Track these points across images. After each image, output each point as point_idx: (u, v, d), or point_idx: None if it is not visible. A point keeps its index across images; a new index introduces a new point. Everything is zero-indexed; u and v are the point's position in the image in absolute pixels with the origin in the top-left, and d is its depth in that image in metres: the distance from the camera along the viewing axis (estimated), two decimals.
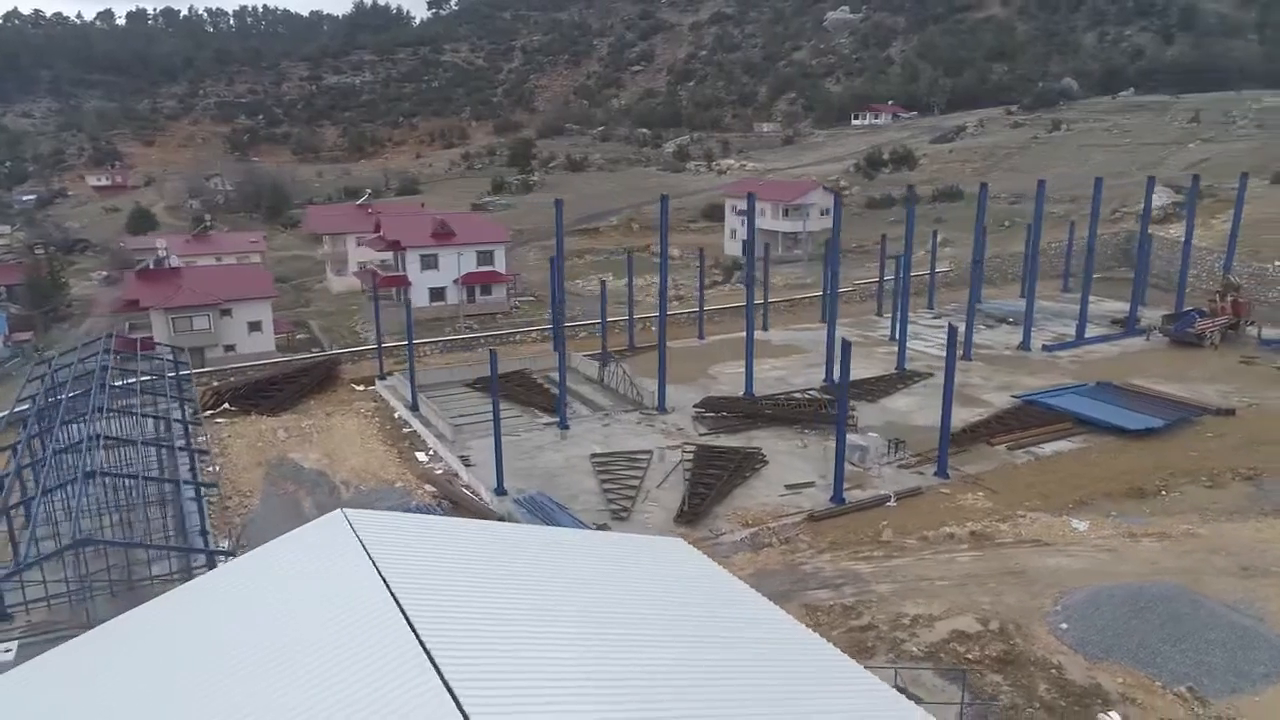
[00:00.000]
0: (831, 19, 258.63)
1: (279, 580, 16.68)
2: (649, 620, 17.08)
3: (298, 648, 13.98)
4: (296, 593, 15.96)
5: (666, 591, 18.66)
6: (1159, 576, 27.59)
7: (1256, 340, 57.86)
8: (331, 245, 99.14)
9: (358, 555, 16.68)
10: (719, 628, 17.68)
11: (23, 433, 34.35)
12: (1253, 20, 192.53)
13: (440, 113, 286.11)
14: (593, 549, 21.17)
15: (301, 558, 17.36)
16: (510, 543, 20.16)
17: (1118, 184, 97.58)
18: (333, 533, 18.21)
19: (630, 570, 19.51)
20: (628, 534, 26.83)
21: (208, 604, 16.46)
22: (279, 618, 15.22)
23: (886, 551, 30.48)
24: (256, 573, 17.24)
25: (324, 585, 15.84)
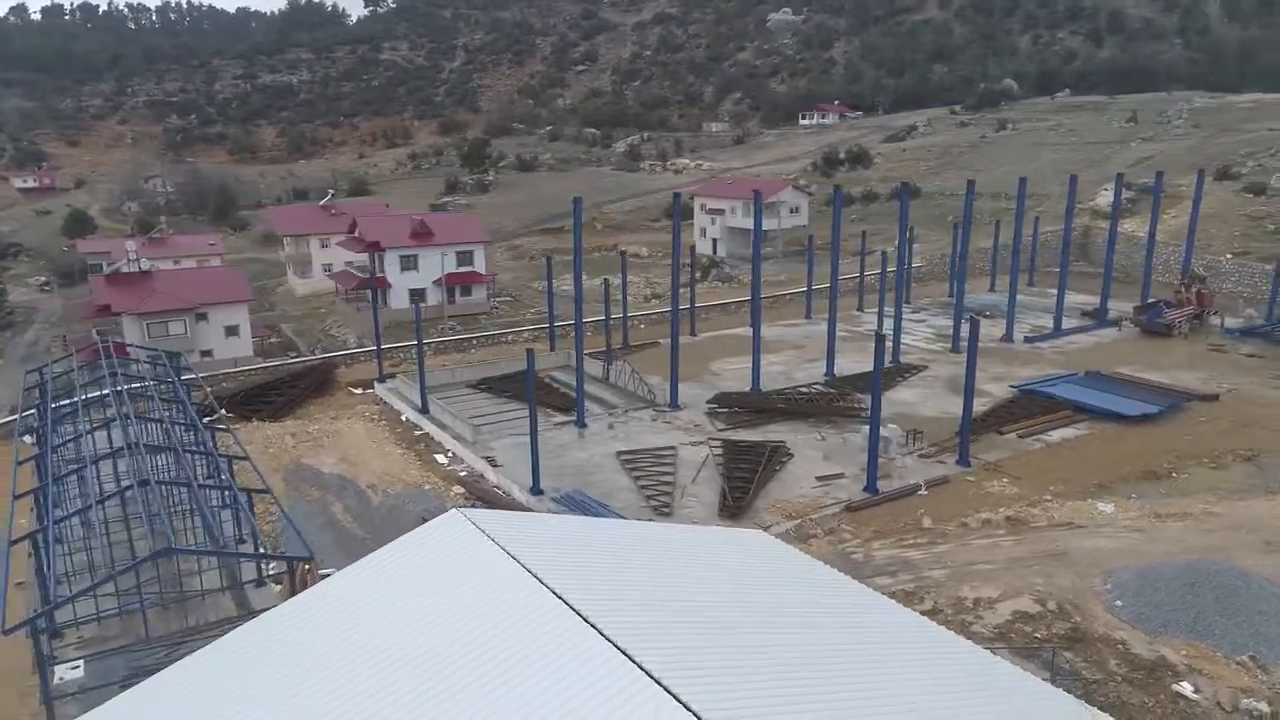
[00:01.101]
0: (774, 20, 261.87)
1: (421, 581, 16.46)
2: (790, 607, 17.36)
3: (482, 647, 13.89)
4: (449, 593, 15.79)
5: (791, 581, 18.95)
6: (1191, 554, 28.88)
7: (1220, 329, 60.74)
8: (294, 247, 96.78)
9: (499, 555, 16.62)
10: (845, 613, 18.05)
11: (40, 442, 32.96)
12: (1175, 25, 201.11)
13: (382, 112, 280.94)
14: (689, 542, 21.37)
15: (437, 559, 17.16)
16: (623, 536, 20.25)
17: (1065, 180, 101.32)
18: (456, 532, 18.08)
19: (745, 561, 19.75)
20: (710, 527, 27.02)
21: (358, 607, 16.16)
22: (443, 617, 15.06)
23: (930, 538, 31.28)
24: (393, 575, 16.98)
25: (481, 585, 15.71)
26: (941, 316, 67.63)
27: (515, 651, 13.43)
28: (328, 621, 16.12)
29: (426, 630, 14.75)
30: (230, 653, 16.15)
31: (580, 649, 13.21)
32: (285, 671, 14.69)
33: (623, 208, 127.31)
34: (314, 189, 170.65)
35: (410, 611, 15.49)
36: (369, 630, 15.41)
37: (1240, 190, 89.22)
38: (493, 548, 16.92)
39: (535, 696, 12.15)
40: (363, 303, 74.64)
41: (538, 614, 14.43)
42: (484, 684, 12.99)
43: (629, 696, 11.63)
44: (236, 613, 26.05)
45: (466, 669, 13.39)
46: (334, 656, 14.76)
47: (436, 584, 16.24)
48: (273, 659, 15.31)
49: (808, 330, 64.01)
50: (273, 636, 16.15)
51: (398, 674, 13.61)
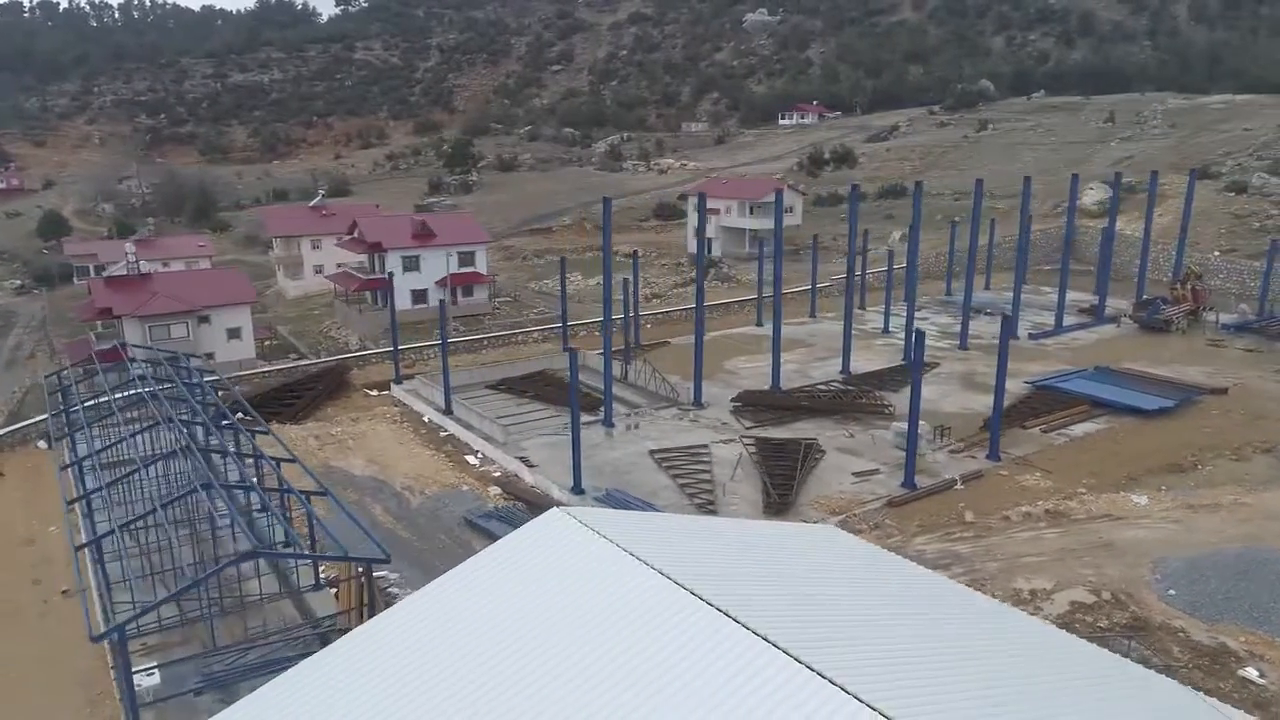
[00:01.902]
0: (750, 20, 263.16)
1: (542, 579, 16.44)
2: (895, 599, 17.60)
3: (628, 647, 13.95)
4: (575, 591, 15.79)
5: (889, 573, 19.20)
6: (1232, 544, 29.63)
7: (1216, 325, 62.17)
8: (285, 249, 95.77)
9: (617, 553, 16.66)
10: (954, 605, 18.33)
11: (72, 446, 32.40)
12: (1144, 27, 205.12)
13: (356, 112, 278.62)
14: (777, 535, 21.56)
15: (551, 557, 17.16)
16: (715, 531, 20.38)
17: (1053, 180, 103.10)
18: (563, 530, 18.09)
19: (838, 554, 19.98)
20: (785, 523, 27.22)
21: (479, 607, 16.11)
22: (576, 615, 15.08)
23: (975, 532, 31.76)
24: (508, 575, 16.95)
25: (607, 583, 15.74)
26: (943, 314, 68.52)
27: (666, 650, 13.49)
28: (451, 623, 16.06)
29: (561, 627, 14.78)
30: (353, 658, 16.02)
31: (732, 645, 13.27)
32: (423, 673, 14.62)
33: (612, 207, 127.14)
34: (294, 189, 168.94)
35: (539, 610, 15.48)
36: (499, 630, 15.38)
37: (1222, 189, 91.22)
38: (607, 545, 16.96)
39: (706, 698, 12.21)
40: (364, 304, 74.08)
41: (678, 612, 14.50)
42: (640, 684, 13.05)
43: (810, 699, 11.69)
44: (300, 619, 25.78)
45: (618, 668, 13.44)
46: (468, 658, 14.72)
47: (558, 582, 16.24)
48: (402, 662, 15.22)
49: (813, 328, 64.54)
50: (395, 640, 16.04)
51: (547, 676, 13.62)
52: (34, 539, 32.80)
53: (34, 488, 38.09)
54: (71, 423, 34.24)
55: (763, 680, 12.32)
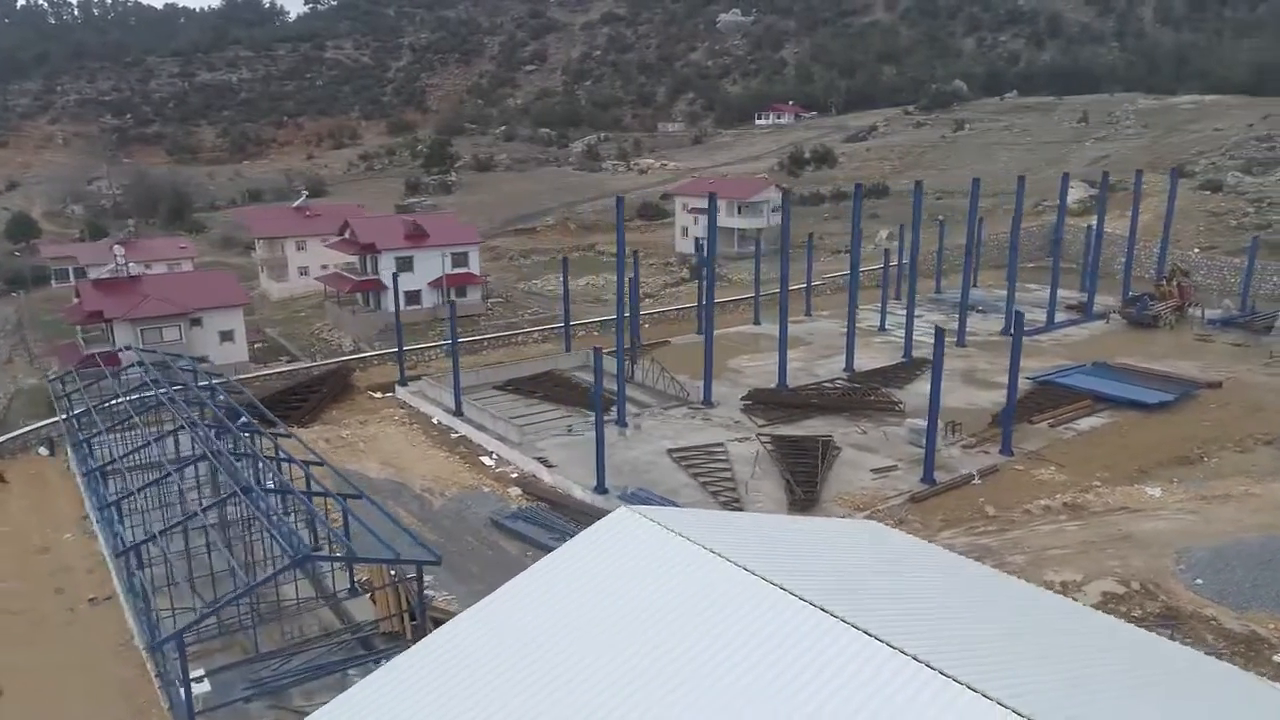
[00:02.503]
0: (724, 21, 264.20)
1: (626, 578, 16.45)
2: (971, 592, 17.87)
3: (729, 644, 14.04)
4: (662, 590, 15.83)
5: (957, 568, 19.47)
6: (1246, 534, 30.37)
7: (1202, 320, 63.52)
8: (269, 250, 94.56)
9: (695, 549, 16.74)
10: (1019, 597, 18.64)
11: (84, 452, 31.81)
12: (1111, 29, 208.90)
13: (327, 111, 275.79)
14: (830, 531, 21.77)
15: (628, 557, 17.17)
16: (769, 527, 20.54)
17: (1033, 180, 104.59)
18: (634, 529, 18.12)
19: (896, 549, 20.21)
20: (828, 519, 27.43)
21: (562, 608, 16.08)
22: (666, 612, 15.13)
23: (999, 525, 32.24)
24: (589, 575, 16.93)
25: (692, 580, 15.81)
26: (935, 312, 69.30)
27: (766, 645, 13.60)
28: (542, 624, 15.98)
29: (660, 626, 14.83)
30: (444, 663, 15.89)
31: (849, 642, 13.34)
32: (528, 676, 14.60)
33: (594, 208, 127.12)
34: (269, 190, 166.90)
35: (632, 610, 15.51)
36: (586, 631, 15.39)
37: (1197, 188, 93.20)
38: (684, 543, 17.03)
39: (822, 694, 12.33)
40: (356, 306, 73.37)
41: (771, 607, 14.61)
42: (761, 681, 13.15)
43: (932, 694, 11.80)
44: (338, 624, 25.57)
45: (727, 666, 13.53)
46: (574, 660, 14.72)
47: (642, 580, 16.26)
48: (501, 665, 15.14)
49: (811, 327, 65.04)
50: (485, 644, 15.94)
51: (660, 677, 13.68)
52: (48, 547, 32.14)
53: (41, 495, 37.33)
54: (85, 428, 33.59)
55: (889, 681, 12.36)
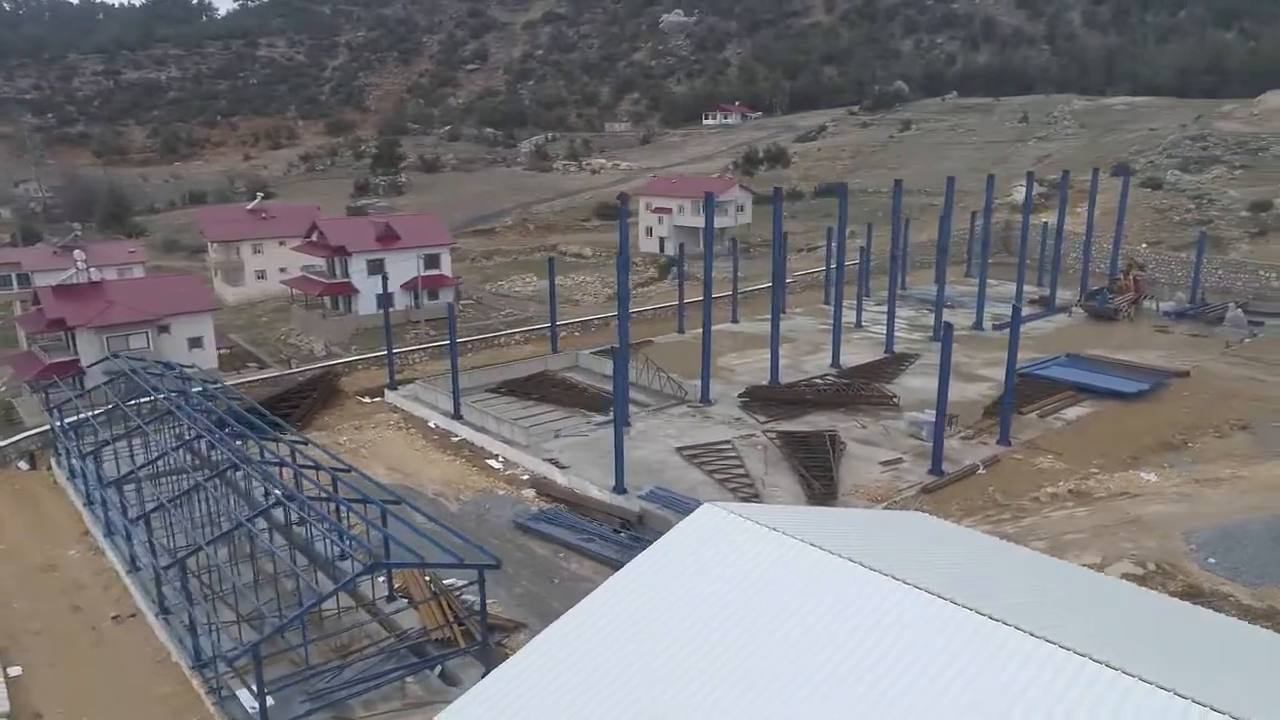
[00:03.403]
0: (667, 21, 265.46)
1: (733, 578, 16.61)
2: (1030, 572, 18.54)
3: (862, 639, 14.36)
4: (773, 585, 16.06)
5: (1012, 556, 20.14)
6: (1245, 514, 31.93)
7: (1157, 312, 66.30)
8: (223, 253, 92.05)
9: (800, 546, 17.03)
10: (1085, 581, 19.38)
11: (94, 467, 30.64)
12: (1042, 32, 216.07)
13: (262, 111, 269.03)
14: (890, 523, 22.30)
15: (726, 554, 17.34)
16: (840, 521, 20.95)
17: (982, 178, 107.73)
18: (724, 526, 18.32)
19: (962, 540, 20.82)
20: (880, 511, 27.94)
21: (672, 609, 16.15)
22: (786, 610, 15.37)
23: (1012, 513, 33.29)
24: (692, 573, 17.05)
25: (799, 573, 16.09)
26: (905, 307, 70.72)
27: (904, 638, 13.95)
28: (652, 625, 16.03)
29: (780, 622, 15.07)
30: (555, 673, 15.81)
31: (976, 629, 13.76)
32: (651, 679, 14.69)
33: (552, 208, 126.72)
34: (211, 192, 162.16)
35: (746, 602, 15.71)
36: (704, 630, 15.53)
37: (1138, 185, 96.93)
38: (780, 537, 17.30)
39: (976, 686, 12.72)
40: (327, 309, 71.83)
41: (889, 598, 14.98)
42: (885, 673, 13.48)
43: (1103, 685, 12.18)
44: (386, 633, 25.16)
45: (867, 663, 13.84)
46: (694, 658, 14.86)
47: (749, 577, 16.46)
48: (617, 670, 15.17)
49: (789, 324, 65.69)
50: (595, 650, 15.92)
51: (795, 674, 13.91)
52: (54, 564, 30.90)
53: (32, 511, 35.84)
54: (81, 439, 32.37)
55: (1018, 661, 12.84)
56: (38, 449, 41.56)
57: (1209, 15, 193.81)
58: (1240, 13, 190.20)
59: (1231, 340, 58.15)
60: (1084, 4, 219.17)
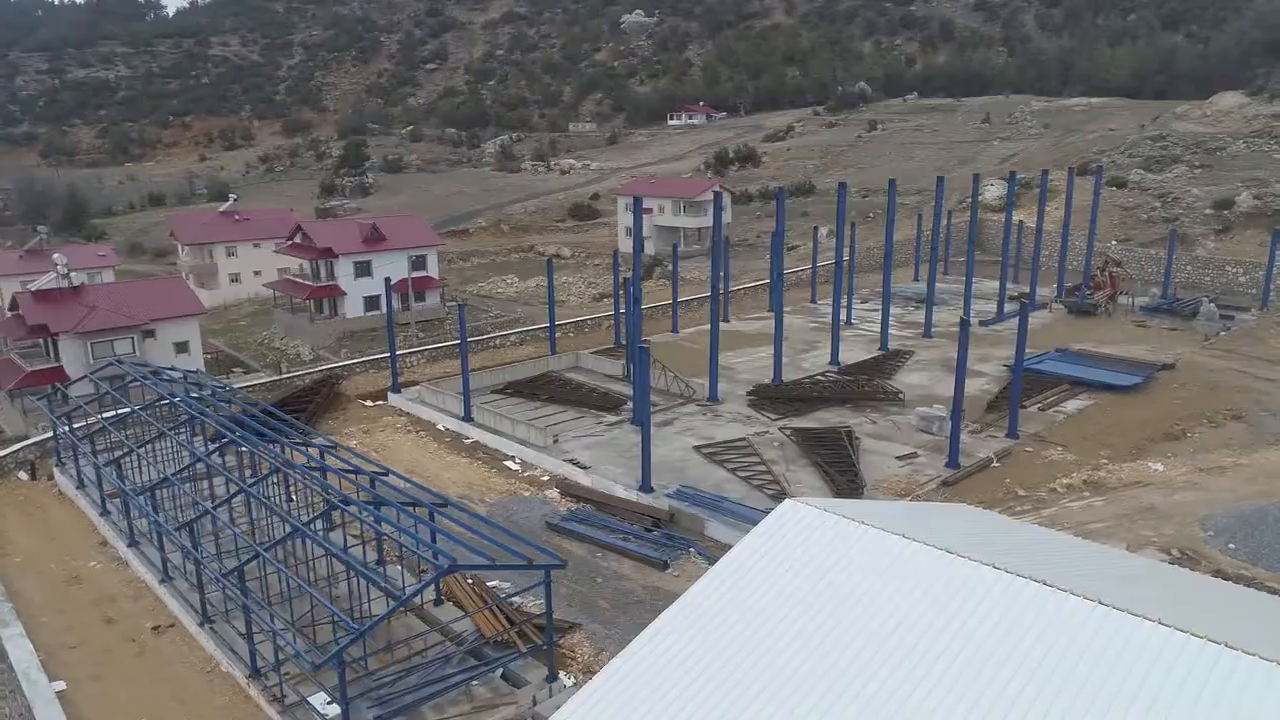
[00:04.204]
0: (629, 21, 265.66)
1: (833, 573, 16.89)
2: (1103, 560, 19.12)
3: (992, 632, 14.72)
4: (875, 578, 16.36)
5: (1063, 542, 20.72)
6: (1253, 500, 33.14)
7: (1133, 308, 68.22)
8: (196, 256, 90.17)
9: (886, 536, 17.38)
10: (1133, 562, 20.03)
11: (114, 476, 29.94)
12: (999, 34, 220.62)
13: (216, 111, 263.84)
14: (953, 513, 22.77)
15: (818, 549, 17.59)
16: (919, 515, 21.36)
17: (951, 178, 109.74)
18: (811, 522, 18.59)
19: (1021, 530, 21.36)
20: (933, 503, 28.37)
21: (778, 606, 16.35)
22: (898, 604, 15.67)
23: (1032, 505, 34.11)
24: (786, 570, 17.27)
25: (901, 565, 16.43)
26: (892, 305, 71.84)
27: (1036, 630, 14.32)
28: (758, 622, 16.23)
29: (891, 616, 15.38)
30: (664, 675, 15.88)
31: (1094, 616, 14.19)
32: (774, 679, 14.89)
33: (526, 209, 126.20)
34: (171, 194, 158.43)
35: (851, 600, 15.99)
36: (818, 623, 15.77)
37: (1104, 184, 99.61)
38: (870, 530, 17.62)
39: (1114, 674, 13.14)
40: (312, 313, 70.71)
41: (994, 586, 15.38)
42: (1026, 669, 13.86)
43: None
44: (440, 637, 24.97)
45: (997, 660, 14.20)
46: (792, 653, 15.10)
47: (849, 571, 16.75)
48: (737, 670, 15.32)
49: (784, 322, 66.35)
50: (708, 651, 16.04)
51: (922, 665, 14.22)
52: (77, 577, 30.12)
53: (41, 522, 34.88)
54: (93, 445, 31.60)
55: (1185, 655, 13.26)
56: (37, 458, 40.43)
57: (1157, 19, 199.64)
58: (1187, 17, 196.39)
59: (1209, 334, 60.09)
60: (1037, 7, 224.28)
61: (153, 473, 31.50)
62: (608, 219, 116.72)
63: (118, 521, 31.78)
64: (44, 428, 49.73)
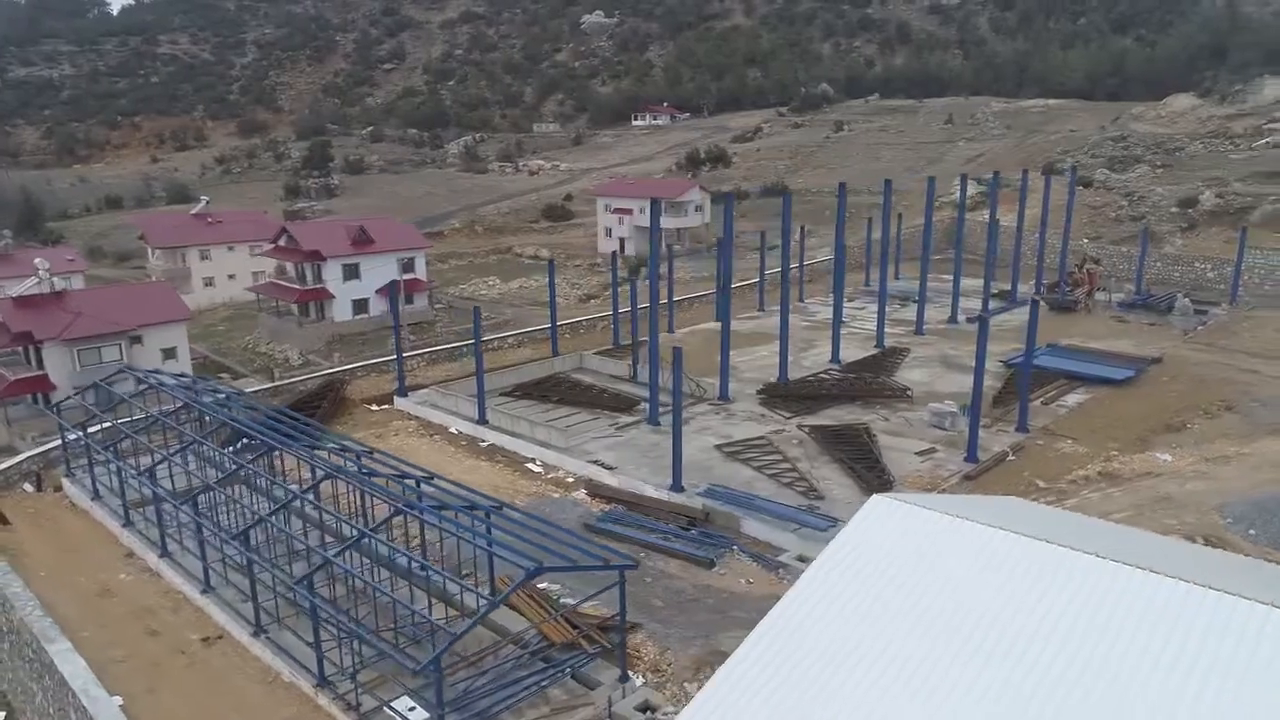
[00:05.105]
0: (589, 22, 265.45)
1: (938, 569, 17.17)
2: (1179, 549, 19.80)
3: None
4: (989, 571, 16.73)
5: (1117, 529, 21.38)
6: (1263, 488, 34.42)
7: (1110, 303, 70.21)
8: (168, 260, 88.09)
9: (987, 529, 17.78)
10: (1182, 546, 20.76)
11: (149, 483, 29.24)
12: (954, 37, 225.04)
13: (167, 111, 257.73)
14: (1021, 508, 23.35)
15: (921, 545, 17.88)
16: (988, 507, 21.85)
17: (920, 178, 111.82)
18: (904, 517, 18.92)
19: (1078, 521, 21.99)
20: (977, 496, 28.89)
21: (891, 603, 16.62)
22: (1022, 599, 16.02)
23: (1055, 496, 34.98)
24: (889, 568, 17.54)
25: (1010, 558, 16.82)
26: (874, 302, 72.84)
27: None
28: (870, 620, 16.45)
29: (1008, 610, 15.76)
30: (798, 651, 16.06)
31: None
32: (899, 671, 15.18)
33: (499, 210, 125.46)
34: (128, 196, 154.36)
35: (969, 595, 16.33)
36: (938, 620, 16.02)
37: (1053, 175, 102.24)
38: (971, 524, 18.00)
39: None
40: (297, 316, 69.57)
41: (1116, 577, 15.85)
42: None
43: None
44: (495, 639, 24.88)
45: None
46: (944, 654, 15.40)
47: (959, 566, 17.05)
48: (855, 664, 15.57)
49: (772, 322, 66.68)
50: (825, 643, 16.24)
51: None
52: (109, 589, 29.33)
53: (57, 535, 33.87)
54: (118, 457, 30.85)
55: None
56: (41, 469, 39.25)
57: (1106, 23, 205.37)
58: (1135, 21, 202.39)
59: (1187, 328, 62.11)
60: (991, 10, 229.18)
61: (183, 481, 30.86)
62: (582, 220, 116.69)
63: (145, 532, 31.05)
64: (35, 439, 48.48)
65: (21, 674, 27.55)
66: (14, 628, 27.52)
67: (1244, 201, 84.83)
